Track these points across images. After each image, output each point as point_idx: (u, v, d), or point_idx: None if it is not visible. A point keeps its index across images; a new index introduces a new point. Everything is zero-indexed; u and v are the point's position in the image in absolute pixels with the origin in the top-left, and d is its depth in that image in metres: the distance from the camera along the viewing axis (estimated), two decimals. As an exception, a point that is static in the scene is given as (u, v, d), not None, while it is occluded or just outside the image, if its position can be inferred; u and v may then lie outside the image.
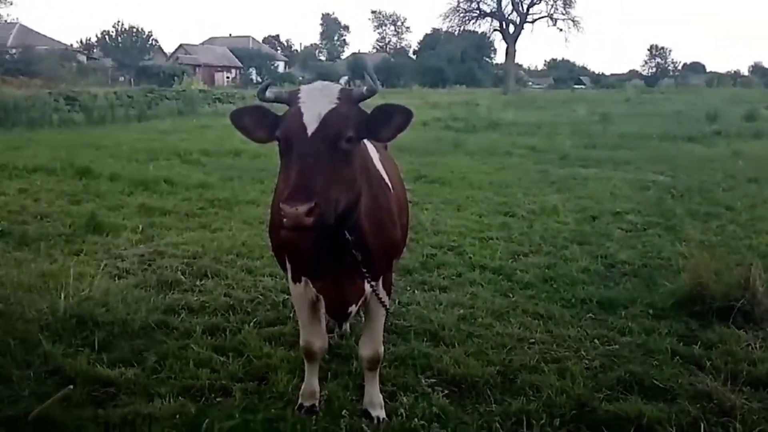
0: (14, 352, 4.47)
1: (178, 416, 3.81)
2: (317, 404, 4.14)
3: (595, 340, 5.23)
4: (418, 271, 7.03)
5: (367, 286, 3.75)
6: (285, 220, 2.92)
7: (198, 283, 6.44)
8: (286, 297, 5.99)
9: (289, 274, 4.00)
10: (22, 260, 6.84)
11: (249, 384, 4.36)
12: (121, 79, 59.61)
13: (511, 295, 6.35)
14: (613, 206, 10.22)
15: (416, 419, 3.95)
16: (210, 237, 8.25)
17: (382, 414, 4.05)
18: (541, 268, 7.09)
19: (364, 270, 3.60)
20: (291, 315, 5.55)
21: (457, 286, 6.63)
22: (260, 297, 6.07)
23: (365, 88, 3.32)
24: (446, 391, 4.41)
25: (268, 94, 3.35)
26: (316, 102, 3.18)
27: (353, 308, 3.88)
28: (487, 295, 6.33)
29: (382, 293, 3.92)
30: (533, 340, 5.26)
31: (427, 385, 4.45)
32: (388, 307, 4.00)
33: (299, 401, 4.14)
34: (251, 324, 5.40)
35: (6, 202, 9.77)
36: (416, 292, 6.38)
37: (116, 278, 6.46)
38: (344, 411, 4.07)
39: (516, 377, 4.61)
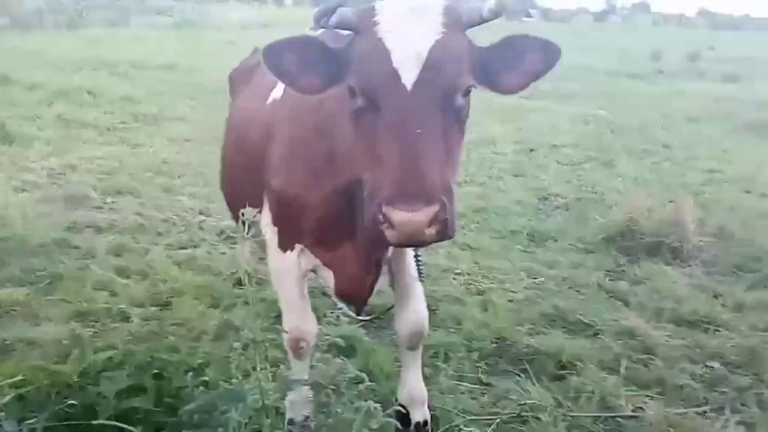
0: None
1: (65, 341, 3.46)
2: (311, 415, 2.81)
3: (522, 273, 5.08)
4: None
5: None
6: (390, 230, 1.89)
7: (109, 200, 6.04)
8: (203, 219, 5.66)
9: (274, 240, 2.77)
10: None
11: (150, 309, 4.02)
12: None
13: (440, 225, 6.12)
14: (552, 139, 10.02)
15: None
16: (129, 152, 7.80)
17: (425, 416, 3.07)
18: (473, 198, 6.88)
19: None
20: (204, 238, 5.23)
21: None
22: (175, 217, 5.70)
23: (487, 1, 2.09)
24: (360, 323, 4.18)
25: (335, 18, 2.12)
26: (408, 30, 1.99)
27: (377, 285, 2.81)
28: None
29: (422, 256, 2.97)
30: (459, 271, 5.07)
31: (335, 316, 4.08)
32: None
33: (287, 415, 2.91)
34: (161, 246, 5.04)
35: None
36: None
37: (19, 191, 5.98)
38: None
39: (438, 308, 4.42)
